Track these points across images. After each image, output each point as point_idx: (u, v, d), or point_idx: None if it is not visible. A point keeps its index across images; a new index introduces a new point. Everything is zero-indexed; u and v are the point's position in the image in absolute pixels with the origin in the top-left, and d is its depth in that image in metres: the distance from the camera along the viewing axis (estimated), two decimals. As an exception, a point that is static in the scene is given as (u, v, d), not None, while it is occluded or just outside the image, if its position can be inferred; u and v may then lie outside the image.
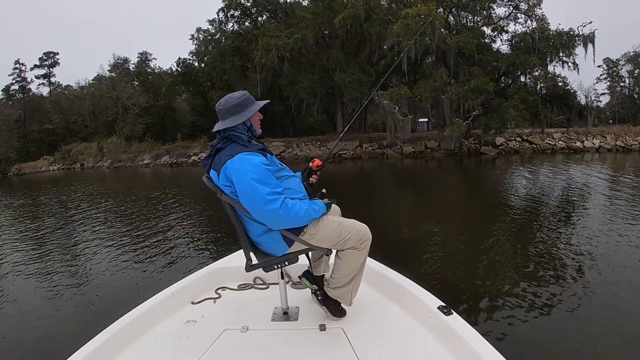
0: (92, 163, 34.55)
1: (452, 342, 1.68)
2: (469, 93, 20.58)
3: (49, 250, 6.25)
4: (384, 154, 24.79)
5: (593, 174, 12.52)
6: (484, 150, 23.47)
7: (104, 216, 9.15)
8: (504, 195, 9.51)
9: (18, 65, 47.99)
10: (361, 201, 9.38)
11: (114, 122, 38.76)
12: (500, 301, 3.37)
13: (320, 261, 2.14)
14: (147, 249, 5.81)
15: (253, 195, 1.67)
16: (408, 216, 7.62)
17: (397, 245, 5.34)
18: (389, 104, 21.07)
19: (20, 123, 44.04)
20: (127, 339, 1.84)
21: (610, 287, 3.61)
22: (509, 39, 24.54)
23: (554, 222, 6.34)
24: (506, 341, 2.71)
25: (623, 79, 51.80)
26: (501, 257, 4.67)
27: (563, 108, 23.55)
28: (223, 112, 1.84)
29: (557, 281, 3.79)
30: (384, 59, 28.13)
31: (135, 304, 2.06)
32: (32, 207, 12.21)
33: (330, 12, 25.61)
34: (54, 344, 3.03)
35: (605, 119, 47.77)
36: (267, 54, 25.36)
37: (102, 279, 4.60)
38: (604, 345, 2.67)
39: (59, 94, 47.30)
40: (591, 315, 3.09)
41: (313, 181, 2.15)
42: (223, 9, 33.10)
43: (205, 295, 2.33)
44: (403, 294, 2.09)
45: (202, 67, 39.32)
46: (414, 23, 19.37)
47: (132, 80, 41.53)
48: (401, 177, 16.20)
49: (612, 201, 7.95)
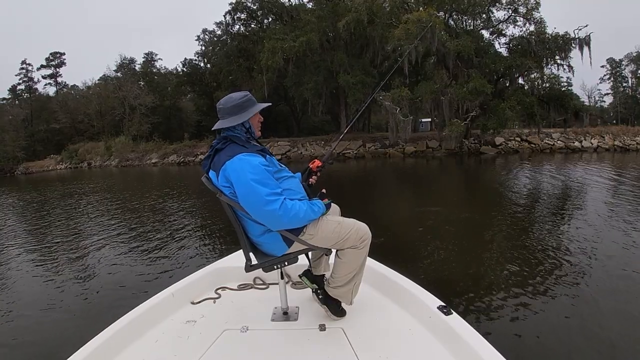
0: (100, 162, 34.79)
1: (452, 342, 1.68)
2: (467, 95, 21.18)
3: (50, 248, 6.29)
4: (387, 153, 25.10)
5: (591, 174, 12.53)
6: (483, 149, 23.84)
7: (108, 215, 9.21)
8: (503, 195, 9.47)
9: (25, 65, 48.61)
10: (362, 200, 9.38)
11: (120, 121, 39.18)
12: (500, 301, 3.36)
13: (320, 261, 2.14)
14: (148, 248, 5.83)
15: (252, 196, 1.67)
16: (408, 215, 7.60)
17: (397, 245, 5.33)
18: (391, 105, 21.57)
19: (27, 122, 44.49)
20: (127, 339, 1.85)
21: (611, 287, 3.58)
22: (506, 42, 24.97)
23: (554, 222, 6.31)
24: (506, 341, 2.70)
25: (626, 79, 51.55)
26: (501, 256, 4.64)
27: (559, 109, 24.08)
28: (223, 112, 1.85)
29: (558, 281, 3.76)
30: (387, 60, 28.28)
31: (135, 304, 2.06)
32: (38, 205, 12.32)
33: (335, 16, 26.20)
34: (54, 343, 3.04)
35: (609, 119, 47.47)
36: (273, 56, 25.81)
37: (102, 278, 4.62)
38: (604, 345, 2.65)
39: (65, 94, 47.75)
40: (591, 315, 3.07)
41: (313, 182, 2.16)
42: (230, 11, 33.64)
43: (205, 295, 2.33)
44: (403, 294, 2.09)
45: (208, 67, 39.64)
46: (415, 28, 19.80)
47: (138, 80, 41.97)
48: (402, 176, 16.24)
49: (611, 200, 7.94)
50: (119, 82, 40.55)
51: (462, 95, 21.27)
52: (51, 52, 49.14)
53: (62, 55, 49.84)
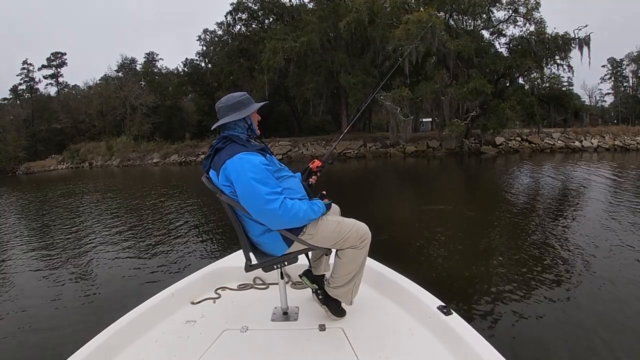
0: (101, 162, 34.84)
1: (451, 342, 1.67)
2: (467, 95, 21.27)
3: (51, 248, 6.30)
4: (387, 153, 25.12)
5: (591, 173, 12.54)
6: (484, 149, 23.88)
7: (109, 214, 9.23)
8: (504, 195, 9.46)
9: (26, 65, 48.84)
10: (362, 200, 9.38)
11: (121, 121, 39.23)
12: (500, 301, 3.36)
13: (320, 261, 2.14)
14: (148, 248, 5.83)
15: (252, 195, 1.67)
16: (408, 215, 7.59)
17: (397, 245, 5.32)
18: (392, 105, 21.65)
19: (29, 122, 44.57)
20: (127, 339, 1.85)
21: (611, 286, 3.58)
22: (506, 42, 25.02)
23: (555, 222, 6.30)
24: (506, 341, 2.70)
25: (627, 79, 51.55)
26: (502, 257, 4.64)
27: (559, 109, 24.18)
28: (224, 109, 1.86)
29: (558, 281, 3.76)
30: (387, 60, 28.30)
31: (135, 304, 2.06)
32: (39, 204, 12.34)
33: (335, 16, 26.25)
34: (54, 343, 3.04)
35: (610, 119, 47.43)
36: (274, 56, 25.92)
37: (102, 278, 4.63)
38: (604, 345, 2.64)
39: (67, 94, 47.86)
40: (592, 315, 3.06)
41: (313, 182, 2.16)
42: (231, 11, 33.76)
43: (205, 295, 2.33)
44: (403, 294, 2.09)
45: (209, 67, 39.70)
46: (415, 28, 19.87)
47: (139, 80, 42.05)
48: (403, 175, 16.25)
49: (611, 200, 7.95)
50: (120, 82, 40.64)
51: (463, 95, 21.40)
52: (52, 52, 49.56)
53: (63, 55, 50.17)
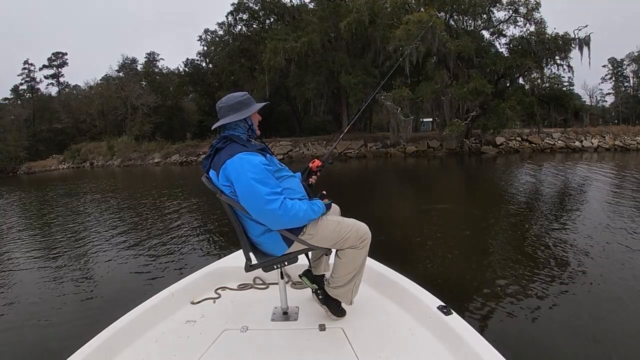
0: (102, 162, 34.80)
1: (452, 342, 1.67)
2: (468, 95, 21.28)
3: (51, 247, 6.30)
4: (388, 153, 25.12)
5: (591, 173, 12.53)
6: (484, 149, 23.88)
7: (109, 214, 9.24)
8: (504, 195, 9.45)
9: (27, 65, 48.69)
10: (362, 200, 9.38)
11: (122, 121, 39.25)
12: (500, 301, 3.35)
13: (320, 261, 2.14)
14: (148, 248, 5.83)
15: (252, 195, 1.67)
16: (408, 215, 7.60)
17: (397, 245, 5.32)
18: (392, 105, 21.65)
19: (30, 122, 44.54)
20: (127, 339, 1.85)
21: (612, 286, 3.57)
22: (507, 42, 25.01)
23: (555, 222, 6.29)
24: (506, 341, 2.69)
25: (627, 79, 51.50)
26: (502, 256, 4.64)
27: (560, 109, 24.18)
28: (225, 109, 1.86)
29: (558, 281, 3.75)
30: (388, 60, 28.35)
31: (135, 304, 2.06)
32: (40, 204, 12.35)
33: (336, 16, 26.31)
34: (54, 343, 3.04)
35: (611, 119, 47.37)
36: (275, 56, 25.97)
37: (102, 277, 4.63)
38: (604, 345, 2.64)
39: (68, 94, 47.87)
40: (592, 315, 3.06)
41: (313, 182, 2.16)
42: (232, 12, 33.81)
43: (205, 295, 2.33)
44: (403, 294, 2.09)
45: (210, 67, 39.74)
46: (415, 29, 19.88)
47: (140, 80, 42.08)
48: (403, 175, 16.27)
49: (611, 199, 7.95)
50: (121, 82, 40.67)
51: (463, 95, 21.41)
52: (53, 52, 49.38)
53: (64, 55, 50.06)
